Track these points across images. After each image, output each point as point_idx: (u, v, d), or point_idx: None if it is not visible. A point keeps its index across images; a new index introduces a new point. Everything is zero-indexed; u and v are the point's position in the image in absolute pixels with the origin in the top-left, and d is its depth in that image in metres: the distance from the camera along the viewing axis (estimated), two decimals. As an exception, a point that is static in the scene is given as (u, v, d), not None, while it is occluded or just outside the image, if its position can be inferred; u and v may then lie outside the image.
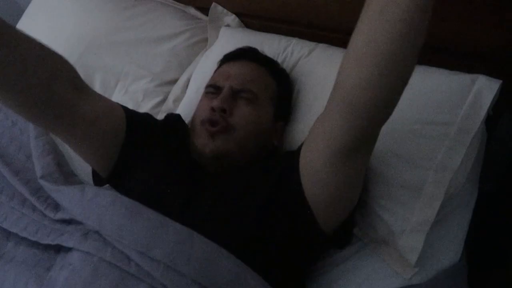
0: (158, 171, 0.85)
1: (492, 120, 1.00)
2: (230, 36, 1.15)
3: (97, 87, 1.17)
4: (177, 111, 1.12)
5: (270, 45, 1.08)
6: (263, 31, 1.16)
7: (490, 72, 0.91)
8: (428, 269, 0.85)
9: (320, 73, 1.00)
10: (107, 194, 0.75)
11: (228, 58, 0.99)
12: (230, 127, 0.85)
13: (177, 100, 1.14)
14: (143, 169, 0.86)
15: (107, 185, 0.90)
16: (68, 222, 0.79)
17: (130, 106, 1.12)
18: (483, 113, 0.86)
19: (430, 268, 0.85)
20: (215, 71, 0.99)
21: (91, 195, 0.76)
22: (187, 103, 1.11)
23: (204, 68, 1.12)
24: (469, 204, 0.93)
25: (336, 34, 1.09)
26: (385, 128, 0.88)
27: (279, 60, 1.05)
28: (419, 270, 0.83)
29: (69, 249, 0.73)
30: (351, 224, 0.85)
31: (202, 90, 0.96)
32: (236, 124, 0.85)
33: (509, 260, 1.10)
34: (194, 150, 0.86)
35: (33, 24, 1.29)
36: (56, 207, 0.82)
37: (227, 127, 0.84)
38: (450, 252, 0.87)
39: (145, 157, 0.86)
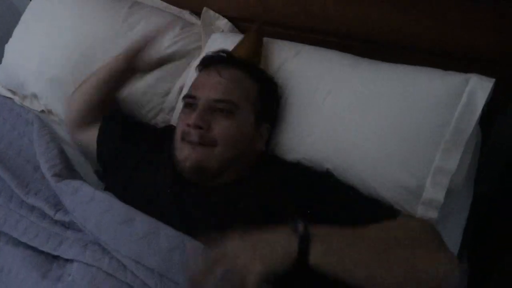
0: (143, 184, 0.87)
1: (487, 122, 1.00)
2: (220, 43, 1.13)
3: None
4: (172, 121, 1.13)
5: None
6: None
7: (485, 75, 0.91)
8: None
9: (306, 73, 1.00)
10: (102, 199, 0.78)
11: (205, 64, 0.95)
12: (210, 142, 0.84)
13: (172, 109, 1.14)
14: (129, 180, 0.89)
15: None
16: (67, 226, 0.80)
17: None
18: (477, 112, 0.86)
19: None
20: (195, 79, 0.96)
21: (88, 198, 0.78)
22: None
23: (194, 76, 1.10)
24: (464, 206, 0.94)
25: (333, 38, 1.10)
26: (379, 130, 0.89)
27: (263, 61, 1.04)
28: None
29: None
30: None
31: None
32: (216, 138, 0.84)
33: (507, 261, 1.11)
34: (178, 164, 0.86)
35: (29, 30, 1.29)
36: (56, 205, 0.83)
37: (206, 141, 0.84)
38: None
39: (130, 166, 0.91)
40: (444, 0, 0.97)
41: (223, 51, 0.97)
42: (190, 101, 0.89)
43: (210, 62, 0.94)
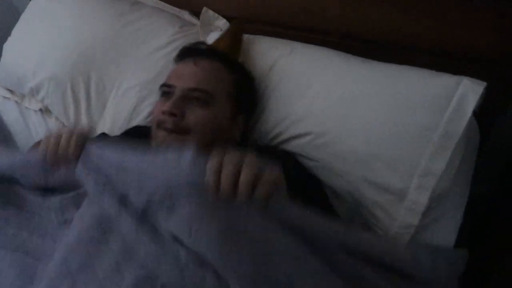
0: None
1: (487, 122, 1.00)
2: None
3: (92, 94, 1.17)
4: None
5: (252, 45, 1.08)
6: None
7: (485, 75, 0.91)
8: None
9: (300, 71, 1.00)
10: None
11: (182, 56, 0.97)
12: (184, 130, 0.85)
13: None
14: None
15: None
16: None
17: (125, 113, 1.14)
18: (467, 117, 0.85)
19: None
20: (172, 68, 0.97)
21: None
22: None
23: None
24: (459, 207, 0.93)
25: (333, 38, 1.10)
26: (367, 130, 0.89)
27: (258, 59, 1.05)
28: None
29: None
30: None
31: None
32: (190, 127, 0.85)
33: (506, 261, 1.10)
34: None
35: (29, 29, 1.29)
36: None
37: (179, 129, 0.84)
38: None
39: None
40: (444, 0, 0.97)
41: (202, 42, 0.99)
42: (166, 89, 0.90)
43: (188, 53, 0.96)
